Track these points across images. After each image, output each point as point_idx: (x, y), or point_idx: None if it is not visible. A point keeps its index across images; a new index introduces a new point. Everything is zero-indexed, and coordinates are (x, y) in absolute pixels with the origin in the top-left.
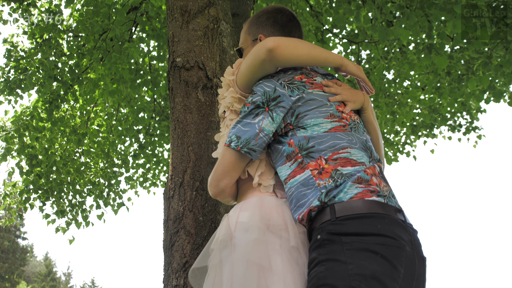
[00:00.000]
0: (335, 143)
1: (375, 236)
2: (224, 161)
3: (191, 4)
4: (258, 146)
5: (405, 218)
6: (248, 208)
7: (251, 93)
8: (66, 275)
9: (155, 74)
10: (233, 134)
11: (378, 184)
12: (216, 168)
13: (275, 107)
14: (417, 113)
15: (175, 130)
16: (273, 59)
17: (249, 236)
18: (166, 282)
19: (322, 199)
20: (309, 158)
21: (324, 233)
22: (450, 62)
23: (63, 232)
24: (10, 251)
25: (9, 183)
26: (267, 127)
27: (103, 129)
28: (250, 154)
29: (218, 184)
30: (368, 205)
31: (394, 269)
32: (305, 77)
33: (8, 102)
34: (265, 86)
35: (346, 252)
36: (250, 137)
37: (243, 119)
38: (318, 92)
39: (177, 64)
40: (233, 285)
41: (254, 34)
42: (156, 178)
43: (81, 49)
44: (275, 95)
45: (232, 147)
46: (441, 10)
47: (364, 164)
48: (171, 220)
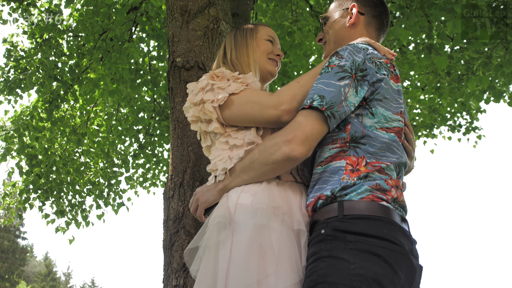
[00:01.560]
0: (386, 154)
1: (380, 239)
2: (305, 126)
3: (191, 4)
4: (339, 114)
5: (408, 228)
6: (250, 190)
7: (337, 57)
8: (66, 275)
9: (155, 74)
10: (315, 94)
11: (397, 197)
12: (295, 136)
13: (361, 79)
14: (417, 113)
15: (175, 130)
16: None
17: (253, 220)
18: (166, 282)
19: (335, 191)
20: (354, 151)
21: (329, 229)
22: (450, 62)
23: (62, 232)
24: (10, 251)
25: (8, 183)
26: (351, 98)
27: (103, 129)
28: (330, 120)
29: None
30: (377, 208)
31: (395, 274)
32: (389, 63)
33: (8, 102)
34: (355, 56)
35: (349, 251)
36: (335, 101)
37: (325, 79)
38: (393, 85)
39: (177, 64)
40: (230, 269)
41: (346, 3)
42: (156, 178)
43: (81, 49)
44: (363, 66)
45: (315, 105)
46: (441, 10)
47: (391, 176)
48: (171, 220)
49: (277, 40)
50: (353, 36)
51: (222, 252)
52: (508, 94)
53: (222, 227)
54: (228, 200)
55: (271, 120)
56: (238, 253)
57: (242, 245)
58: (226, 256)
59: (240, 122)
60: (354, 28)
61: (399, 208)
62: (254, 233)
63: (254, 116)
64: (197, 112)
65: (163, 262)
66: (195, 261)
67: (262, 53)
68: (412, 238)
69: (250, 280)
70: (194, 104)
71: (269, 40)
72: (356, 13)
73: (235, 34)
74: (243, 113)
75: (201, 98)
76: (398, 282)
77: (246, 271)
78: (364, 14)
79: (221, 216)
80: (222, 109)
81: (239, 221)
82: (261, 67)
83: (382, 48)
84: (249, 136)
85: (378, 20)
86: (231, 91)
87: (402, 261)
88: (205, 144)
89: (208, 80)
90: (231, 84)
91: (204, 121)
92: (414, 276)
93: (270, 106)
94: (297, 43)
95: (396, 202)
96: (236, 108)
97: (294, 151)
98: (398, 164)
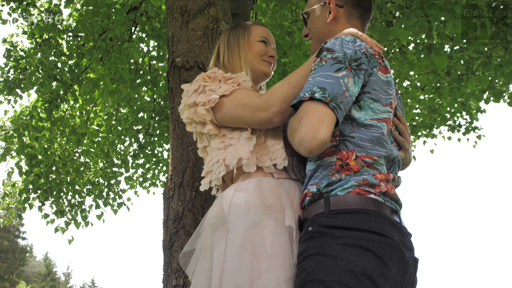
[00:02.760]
0: (375, 148)
1: (368, 232)
2: (312, 115)
3: (191, 4)
4: (344, 105)
5: (400, 220)
6: (244, 189)
7: (327, 51)
8: (66, 275)
9: (155, 74)
10: (314, 86)
11: (387, 190)
12: (304, 123)
13: (357, 68)
14: (416, 113)
15: (174, 130)
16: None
17: (245, 219)
18: (166, 282)
19: (320, 188)
20: (343, 145)
21: (316, 226)
22: (449, 62)
23: (62, 232)
24: (9, 251)
25: (8, 182)
26: (352, 88)
27: (102, 129)
28: (337, 111)
29: (316, 134)
30: (364, 201)
31: (385, 267)
32: (377, 55)
33: (7, 102)
34: (345, 48)
35: (336, 247)
36: (337, 92)
37: (322, 71)
38: (382, 76)
39: (176, 64)
40: (224, 268)
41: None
42: (155, 178)
43: (80, 49)
44: (356, 56)
45: (318, 98)
46: (441, 10)
47: (379, 171)
48: (170, 220)
49: (272, 40)
50: (335, 31)
51: (216, 252)
52: (508, 94)
53: (216, 227)
54: (223, 200)
55: (262, 122)
56: (232, 252)
57: (235, 245)
58: (220, 256)
59: (232, 124)
60: (336, 23)
61: (390, 201)
62: (247, 232)
63: (245, 118)
64: (191, 114)
65: (163, 262)
66: (191, 262)
67: (255, 54)
68: (404, 230)
69: (243, 279)
70: (188, 106)
71: (262, 41)
72: (334, 7)
73: (228, 35)
74: (235, 116)
75: (194, 100)
76: (390, 275)
77: (239, 270)
78: (342, 6)
79: (215, 216)
80: (214, 111)
81: (232, 220)
82: (254, 68)
83: (370, 40)
84: (244, 136)
85: (359, 8)
86: (222, 93)
87: (393, 253)
88: (201, 145)
89: (200, 82)
90: (222, 85)
91: (199, 123)
92: (406, 268)
93: (261, 108)
94: (297, 43)
95: (387, 196)
96: (228, 110)
97: (317, 137)
98: (387, 158)
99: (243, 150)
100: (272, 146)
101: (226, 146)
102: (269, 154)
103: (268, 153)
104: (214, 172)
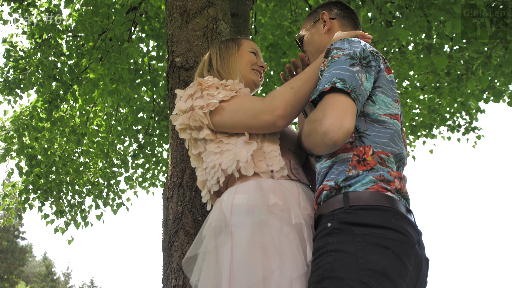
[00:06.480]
0: (390, 144)
1: (388, 229)
2: (335, 106)
3: (190, 4)
4: (361, 97)
5: (414, 219)
6: (244, 191)
7: (337, 50)
8: (65, 275)
9: (154, 74)
10: (333, 77)
11: (400, 188)
12: (329, 113)
13: (367, 66)
14: (416, 113)
15: (174, 130)
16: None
17: (250, 219)
18: (165, 282)
19: (338, 181)
20: (360, 141)
21: (336, 222)
22: (449, 62)
23: (62, 232)
24: (9, 251)
25: (8, 183)
26: (365, 84)
27: (102, 129)
28: (357, 103)
29: (342, 125)
30: (383, 199)
31: (403, 266)
32: (381, 55)
33: (7, 102)
34: (353, 47)
35: (356, 244)
36: (355, 84)
37: (337, 65)
38: (386, 76)
39: (176, 64)
40: (233, 271)
41: (315, 16)
42: (155, 178)
43: (80, 49)
44: (364, 54)
45: (340, 87)
46: (441, 10)
47: (392, 168)
48: (170, 220)
49: (260, 54)
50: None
51: (222, 256)
52: (507, 94)
53: (219, 231)
54: (222, 203)
55: (265, 126)
56: (239, 253)
57: (242, 245)
58: (227, 259)
59: (230, 129)
60: (330, 33)
61: (402, 199)
62: (254, 231)
63: (246, 122)
64: (186, 120)
65: (162, 262)
66: (194, 272)
67: (246, 63)
68: (418, 229)
69: (255, 279)
70: (183, 112)
71: (252, 52)
72: (327, 19)
73: (220, 46)
74: (235, 120)
75: (191, 104)
76: (406, 274)
77: (249, 270)
78: (335, 18)
79: (217, 220)
80: (212, 116)
81: (236, 222)
82: (245, 77)
83: (369, 41)
84: (242, 141)
85: (349, 19)
86: (221, 98)
87: (410, 252)
88: (196, 151)
89: (197, 87)
90: (221, 91)
91: (194, 128)
92: (421, 267)
93: (264, 112)
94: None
95: (400, 193)
96: (228, 115)
97: (343, 126)
98: (397, 156)
99: (241, 153)
100: (269, 153)
101: (223, 151)
102: (265, 160)
103: (264, 159)
104: (210, 179)
